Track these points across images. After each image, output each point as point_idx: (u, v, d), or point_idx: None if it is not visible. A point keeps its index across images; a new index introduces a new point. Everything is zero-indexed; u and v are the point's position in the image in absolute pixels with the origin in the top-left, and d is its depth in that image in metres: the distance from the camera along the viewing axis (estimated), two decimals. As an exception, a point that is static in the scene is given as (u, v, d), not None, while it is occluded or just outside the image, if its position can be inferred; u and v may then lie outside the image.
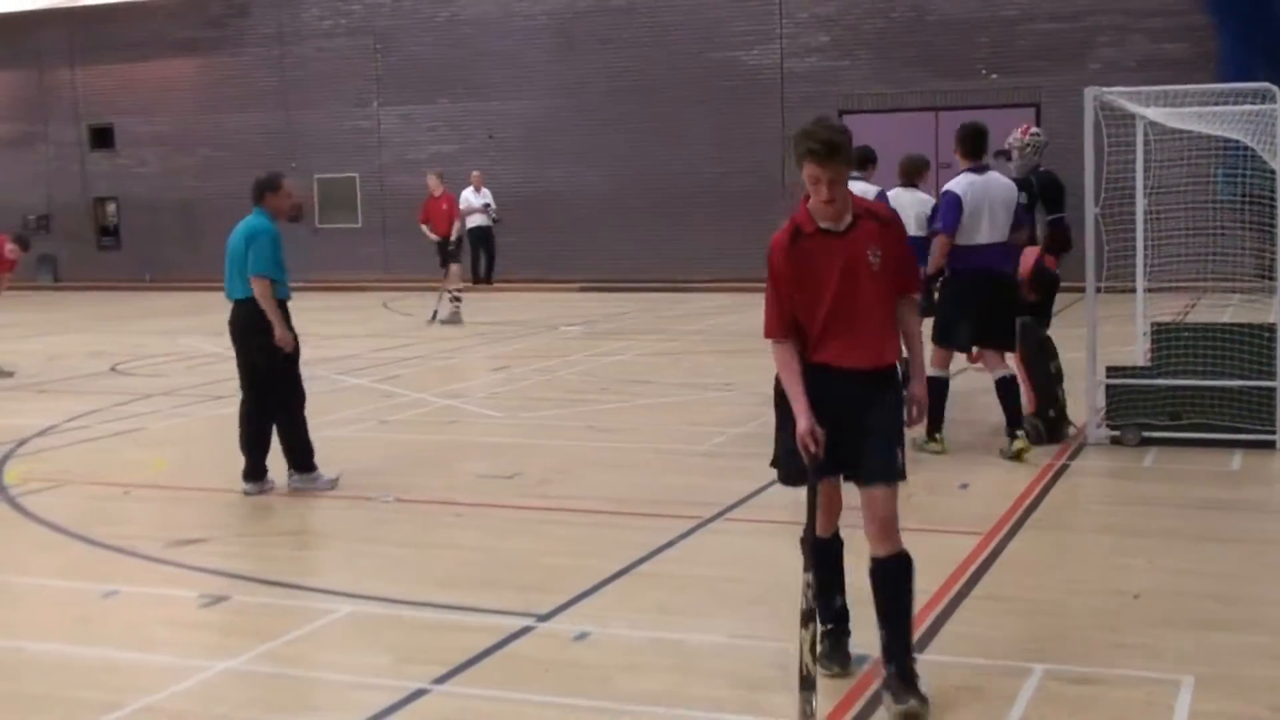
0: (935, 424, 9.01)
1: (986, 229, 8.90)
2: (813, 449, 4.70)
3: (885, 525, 4.84)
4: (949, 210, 8.93)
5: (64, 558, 7.19)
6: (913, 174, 10.98)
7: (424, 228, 19.40)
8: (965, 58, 23.38)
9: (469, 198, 23.39)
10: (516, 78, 26.05)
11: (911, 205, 10.38)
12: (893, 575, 4.86)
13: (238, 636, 5.85)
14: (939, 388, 8.89)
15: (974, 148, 9.09)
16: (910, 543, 4.99)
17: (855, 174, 10.90)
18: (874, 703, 4.89)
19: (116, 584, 6.64)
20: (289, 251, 8.64)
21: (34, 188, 29.88)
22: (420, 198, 25.92)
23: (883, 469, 4.82)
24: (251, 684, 5.27)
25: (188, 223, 28.14)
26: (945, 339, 9.11)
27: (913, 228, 10.56)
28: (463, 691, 5.14)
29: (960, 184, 8.99)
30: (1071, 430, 9.56)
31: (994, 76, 23.31)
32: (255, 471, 8.49)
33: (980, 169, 9.05)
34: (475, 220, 23.51)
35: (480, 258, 24.53)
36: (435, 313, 18.89)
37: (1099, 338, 9.60)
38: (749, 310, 20.37)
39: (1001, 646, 5.45)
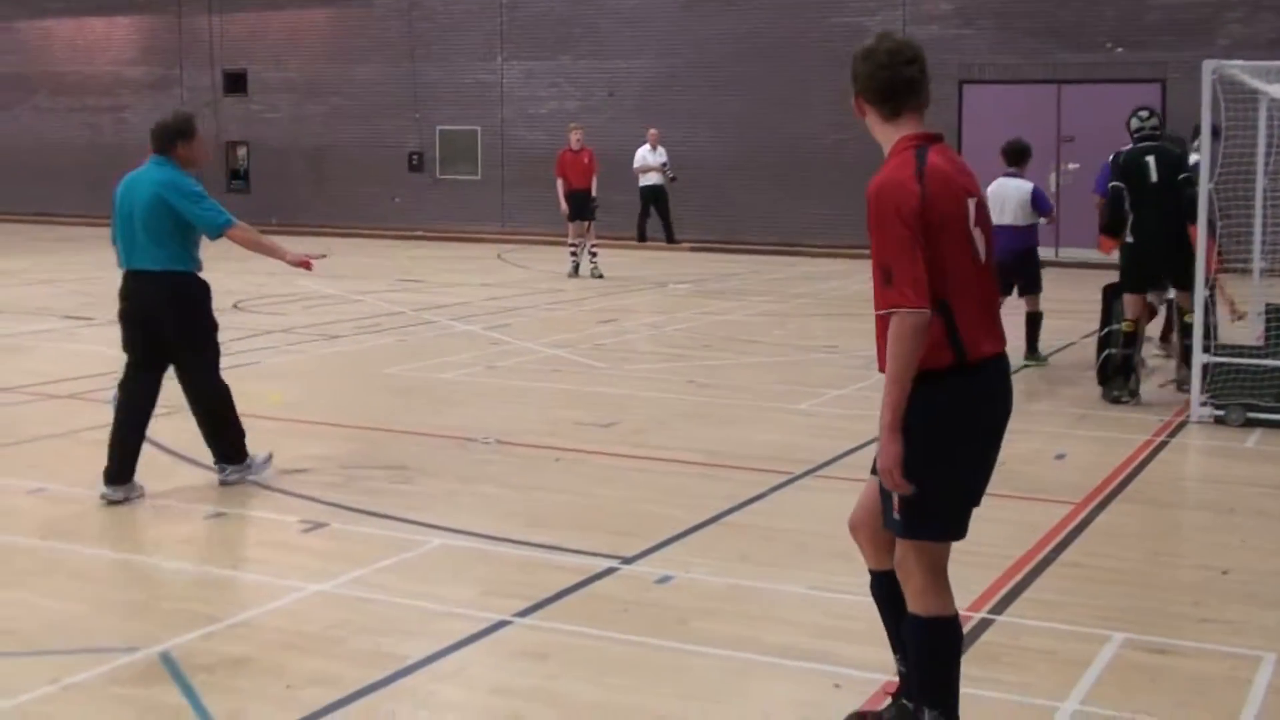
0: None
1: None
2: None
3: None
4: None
5: (175, 479, 7.52)
6: (1017, 159, 11.21)
7: (558, 182, 19.42)
8: (1091, 30, 22.79)
9: (645, 155, 23.52)
10: (639, 36, 26.07)
11: (1015, 192, 11.15)
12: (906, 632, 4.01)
13: (333, 561, 6.08)
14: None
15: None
16: (1000, 509, 4.95)
17: (1009, 169, 11.46)
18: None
19: (223, 507, 6.94)
20: (436, 199, 8.40)
21: (169, 130, 30.76)
22: (538, 152, 26.19)
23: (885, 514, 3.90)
24: (342, 606, 5.49)
25: (314, 169, 28.74)
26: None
27: (1010, 216, 11.16)
28: (543, 625, 5.29)
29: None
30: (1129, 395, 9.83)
31: (1119, 50, 22.72)
32: (125, 472, 7.08)
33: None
34: (650, 179, 23.60)
35: (650, 215, 24.46)
36: (577, 266, 19.12)
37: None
38: (858, 276, 20.26)
39: (1082, 613, 5.45)
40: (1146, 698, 4.63)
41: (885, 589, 4.05)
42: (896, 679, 4.70)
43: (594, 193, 19.17)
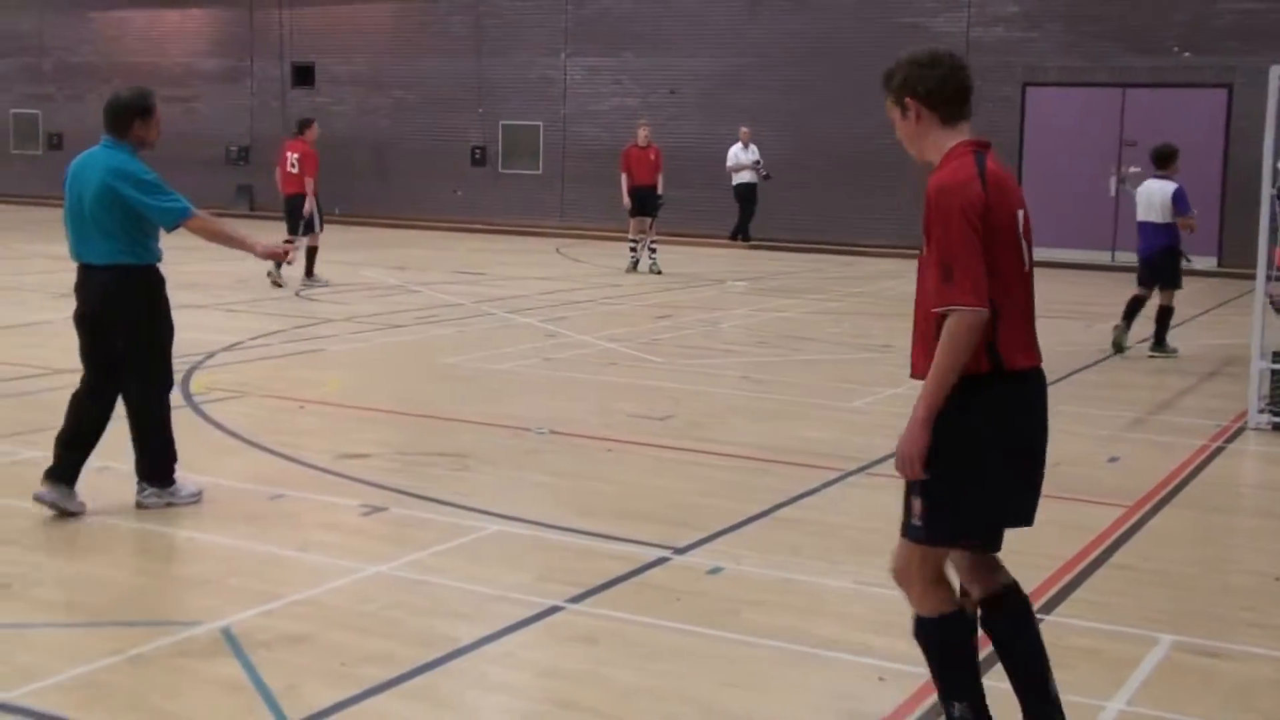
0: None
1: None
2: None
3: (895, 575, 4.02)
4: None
5: (239, 461, 7.68)
6: (1164, 162, 12.27)
7: (623, 178, 19.52)
8: (1158, 33, 22.55)
9: (737, 154, 23.59)
10: (701, 34, 26.11)
11: (1159, 193, 12.11)
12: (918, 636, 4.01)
13: (391, 544, 6.21)
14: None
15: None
16: (1051, 510, 4.92)
17: (1158, 172, 12.02)
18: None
19: (284, 489, 7.09)
20: (470, 195, 8.47)
21: (238, 121, 31.19)
22: (599, 148, 26.31)
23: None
24: (399, 587, 5.61)
25: (378, 161, 29.03)
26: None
27: (1155, 214, 12.22)
28: (595, 612, 5.38)
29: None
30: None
31: (1186, 54, 22.46)
32: (70, 471, 6.54)
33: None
34: (743, 177, 23.66)
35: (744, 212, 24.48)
36: (636, 261, 19.21)
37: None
38: (913, 276, 20.21)
39: (1131, 614, 5.46)
40: (1194, 700, 4.64)
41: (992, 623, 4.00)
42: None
43: (660, 190, 19.27)
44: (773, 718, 4.43)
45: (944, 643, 3.91)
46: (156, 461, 6.66)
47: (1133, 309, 12.36)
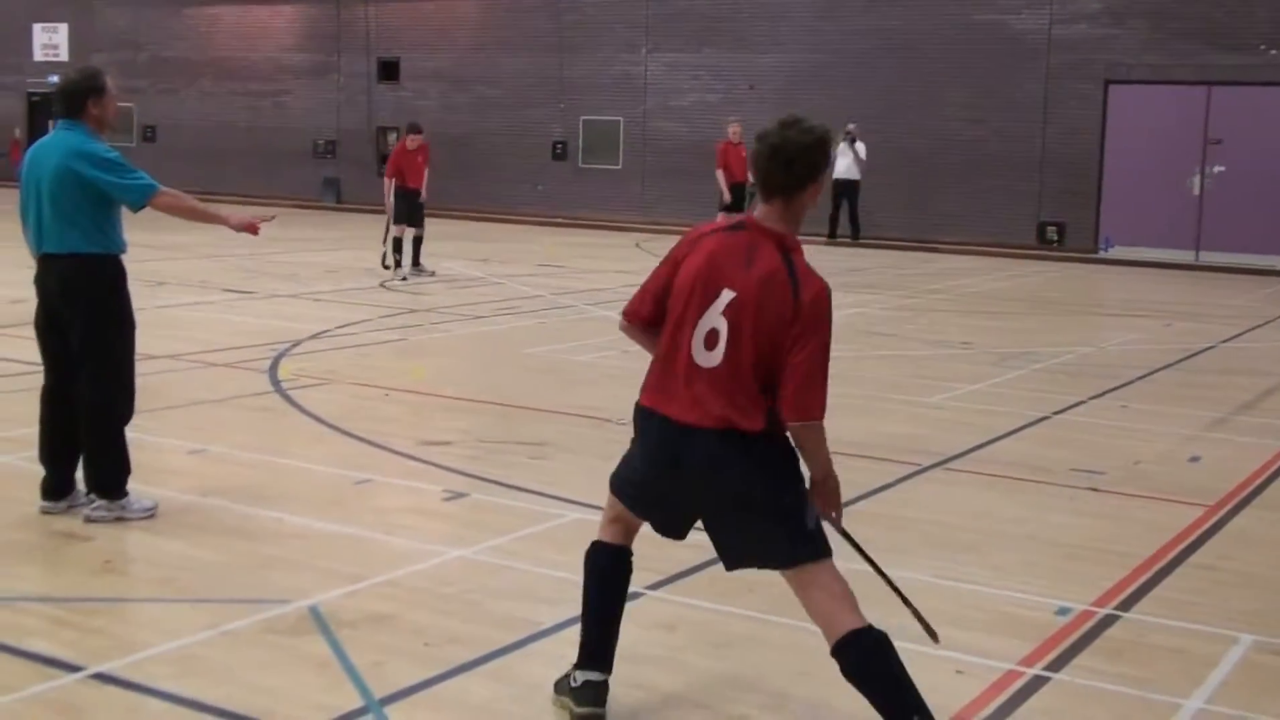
0: None
1: None
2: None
3: None
4: None
5: (325, 447, 7.86)
6: None
7: (719, 174, 19.73)
8: (1244, 31, 22.13)
9: (845, 151, 23.68)
10: (780, 30, 26.08)
11: None
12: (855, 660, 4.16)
13: (472, 529, 6.34)
14: None
15: None
16: (1131, 509, 4.95)
17: None
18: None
19: (369, 473, 7.25)
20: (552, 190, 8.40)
21: (325, 115, 31.68)
22: (678, 144, 26.40)
23: None
24: (480, 571, 5.73)
25: (459, 156, 29.33)
26: None
27: None
28: (673, 599, 5.46)
29: None
30: None
31: (1273, 52, 22.01)
32: (65, 485, 6.29)
33: None
34: (841, 172, 23.70)
35: (840, 209, 24.46)
36: None
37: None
38: (993, 274, 20.04)
39: (1210, 614, 5.44)
40: (1274, 701, 4.61)
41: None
42: (1016, 667, 4.79)
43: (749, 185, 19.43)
44: (845, 708, 4.47)
45: (890, 655, 4.02)
46: (109, 471, 6.16)
47: None
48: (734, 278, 3.92)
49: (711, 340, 3.95)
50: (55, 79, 6.33)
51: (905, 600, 4.22)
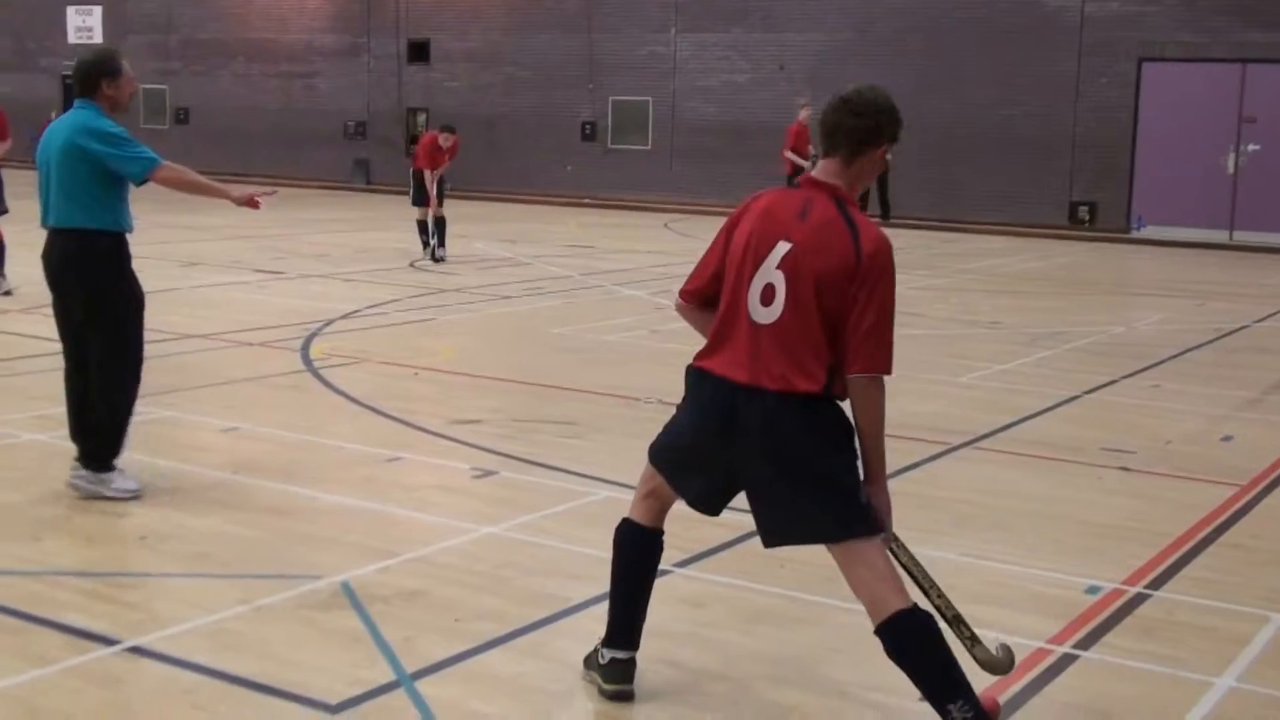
0: None
1: None
2: None
3: None
4: None
5: (356, 425, 7.91)
6: None
7: (791, 154, 19.72)
8: (1279, 8, 21.89)
9: None
10: (809, 10, 25.96)
11: None
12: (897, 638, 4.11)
13: (502, 507, 6.37)
14: None
15: None
16: (1163, 488, 4.93)
17: None
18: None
19: (400, 451, 7.29)
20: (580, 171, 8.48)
21: (355, 96, 31.76)
22: (707, 124, 26.33)
23: None
24: (510, 548, 5.76)
25: (489, 136, 29.37)
26: None
27: None
28: (701, 576, 5.49)
29: None
30: None
31: (1309, 29, 21.78)
32: (93, 459, 6.29)
33: None
34: None
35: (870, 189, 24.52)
36: None
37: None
38: (1024, 254, 19.93)
39: (1242, 593, 5.42)
40: (1304, 679, 4.61)
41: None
42: (1046, 645, 4.79)
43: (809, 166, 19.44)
44: (875, 684, 4.48)
45: (930, 636, 3.93)
46: (101, 445, 6.21)
47: None
48: (790, 229, 3.82)
49: (768, 295, 3.84)
50: None
51: (949, 618, 4.11)
